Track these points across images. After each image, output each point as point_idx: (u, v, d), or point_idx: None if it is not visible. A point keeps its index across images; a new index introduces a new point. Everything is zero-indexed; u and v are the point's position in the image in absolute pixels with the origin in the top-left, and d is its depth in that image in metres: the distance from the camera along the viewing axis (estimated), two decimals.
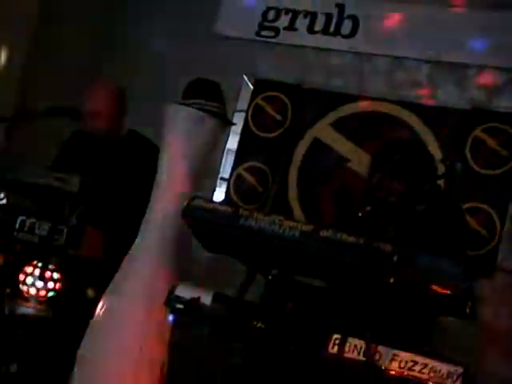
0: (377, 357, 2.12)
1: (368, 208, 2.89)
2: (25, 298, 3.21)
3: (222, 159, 4.86)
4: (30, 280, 3.19)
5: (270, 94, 4.76)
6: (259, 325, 2.27)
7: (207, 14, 4.95)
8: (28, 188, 3.29)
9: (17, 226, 3.16)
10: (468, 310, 2.14)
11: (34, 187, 3.24)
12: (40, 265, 3.19)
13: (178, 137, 3.17)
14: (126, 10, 5.23)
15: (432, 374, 2.07)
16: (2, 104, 4.52)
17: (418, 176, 2.95)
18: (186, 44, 4.90)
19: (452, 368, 2.06)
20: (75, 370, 3.04)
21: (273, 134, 4.71)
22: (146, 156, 3.43)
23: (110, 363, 3.00)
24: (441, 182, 3.90)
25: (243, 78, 4.84)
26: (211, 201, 2.49)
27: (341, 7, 4.70)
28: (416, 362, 2.10)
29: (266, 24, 4.86)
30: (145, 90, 4.73)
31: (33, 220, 3.16)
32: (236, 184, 4.73)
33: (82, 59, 5.11)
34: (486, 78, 4.33)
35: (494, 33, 4.31)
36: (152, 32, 5.03)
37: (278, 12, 4.84)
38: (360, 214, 2.88)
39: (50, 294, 3.20)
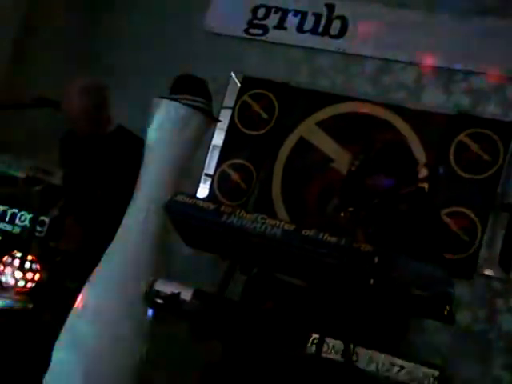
0: (354, 358, 2.13)
1: (350, 209, 2.89)
2: (3, 288, 3.19)
3: (207, 155, 4.85)
4: (8, 270, 3.18)
5: (257, 91, 4.75)
6: (238, 323, 2.27)
7: (196, 9, 4.94)
8: (10, 178, 3.27)
9: None
10: (446, 313, 2.15)
11: (17, 178, 3.22)
12: (19, 255, 3.17)
13: (163, 132, 3.17)
14: (113, 3, 5.22)
15: (408, 377, 2.08)
16: None
17: (402, 174, 2.95)
18: (175, 39, 4.90)
19: (428, 371, 2.08)
20: (51, 362, 3.02)
21: (259, 132, 4.70)
22: (132, 151, 3.40)
23: (87, 357, 2.99)
24: (424, 185, 3.92)
25: (231, 74, 4.84)
26: (194, 196, 2.48)
27: (330, 7, 4.70)
28: (393, 365, 2.11)
29: (256, 22, 4.85)
30: (130, 83, 4.72)
31: (14, 210, 3.15)
32: (220, 180, 4.73)
33: (71, 48, 5.10)
34: (473, 84, 4.36)
35: (482, 39, 4.33)
36: (140, 27, 5.01)
37: (268, 10, 4.84)
38: (342, 215, 2.88)
39: (29, 284, 3.19)
